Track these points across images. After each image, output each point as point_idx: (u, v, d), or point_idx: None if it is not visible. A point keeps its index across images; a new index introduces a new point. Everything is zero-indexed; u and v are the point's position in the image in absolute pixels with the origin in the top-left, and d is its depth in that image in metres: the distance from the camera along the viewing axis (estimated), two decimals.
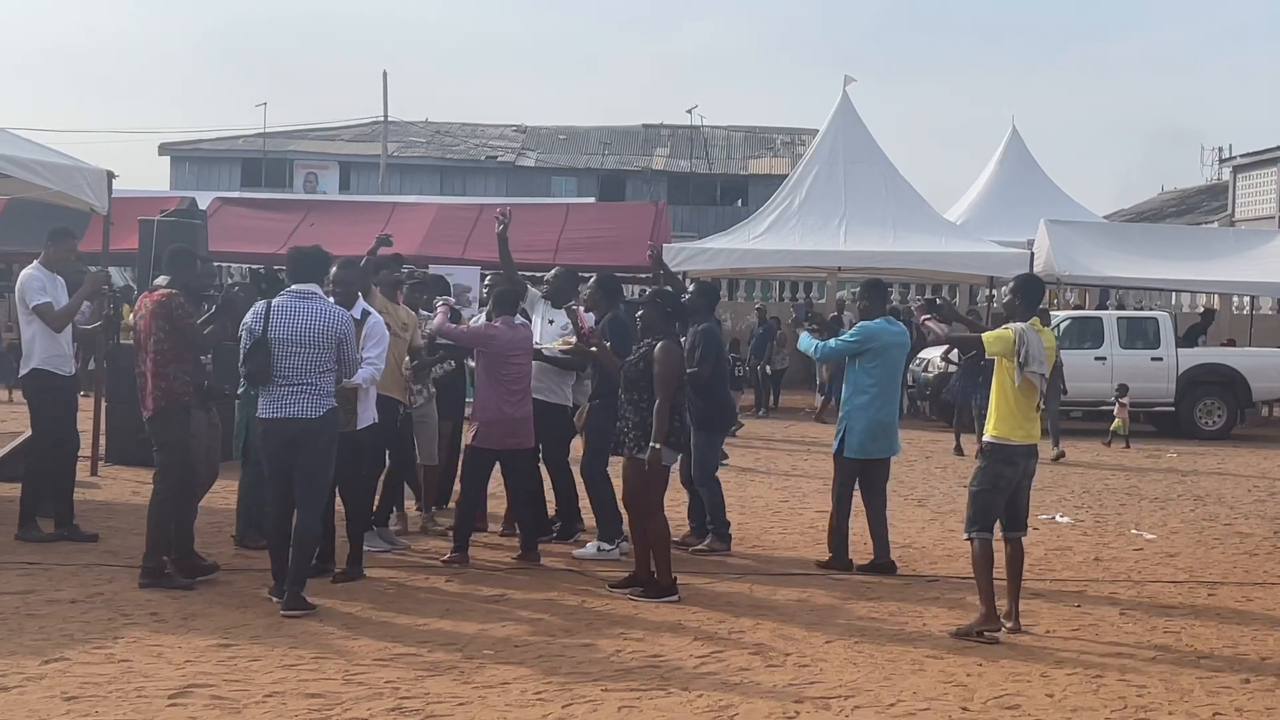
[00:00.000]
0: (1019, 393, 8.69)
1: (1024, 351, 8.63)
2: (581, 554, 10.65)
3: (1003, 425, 8.72)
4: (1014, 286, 9.17)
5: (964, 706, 7.11)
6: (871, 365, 10.61)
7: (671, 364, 9.22)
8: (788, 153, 59.64)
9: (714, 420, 11.30)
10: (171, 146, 60.77)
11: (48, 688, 6.83)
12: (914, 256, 25.57)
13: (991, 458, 8.74)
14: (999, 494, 8.70)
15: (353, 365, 8.86)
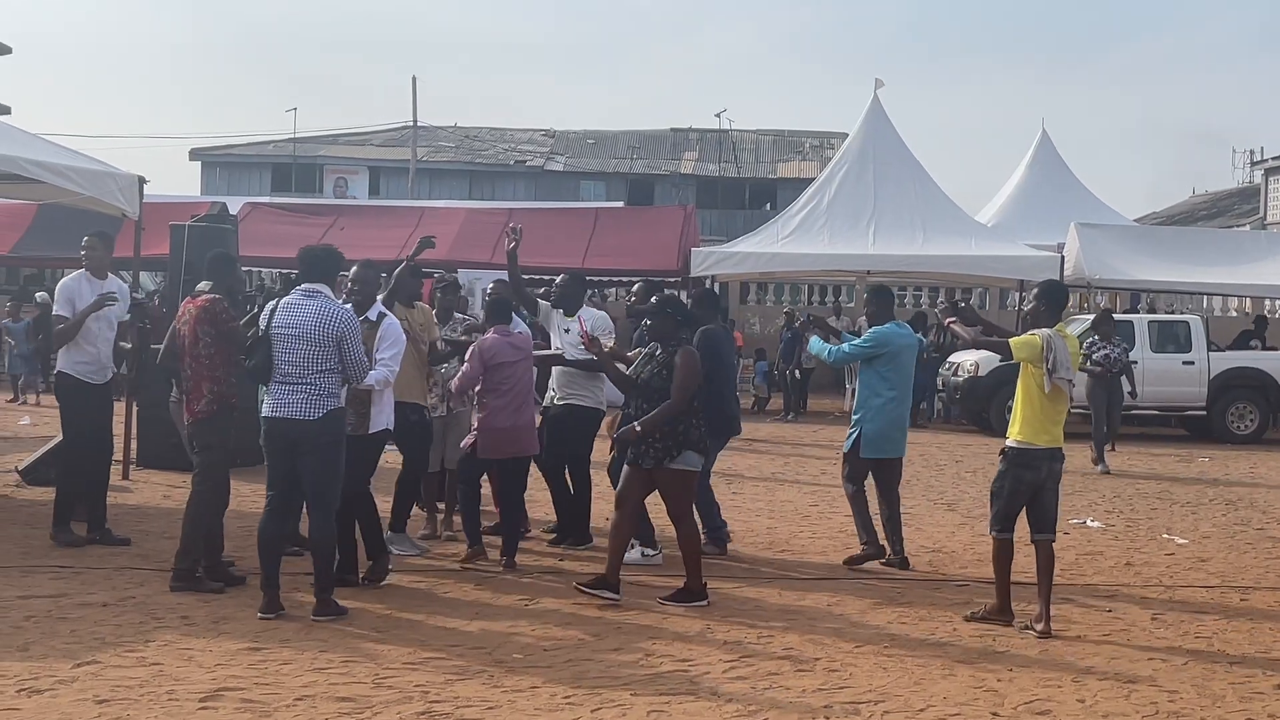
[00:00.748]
0: (1046, 398, 8.74)
1: (1052, 358, 8.68)
2: (628, 560, 10.62)
3: (1026, 430, 8.81)
4: (1039, 293, 9.20)
5: (994, 712, 7.09)
6: (885, 369, 10.86)
7: (694, 371, 9.26)
8: (816, 156, 59.53)
9: (716, 427, 11.23)
10: (202, 152, 61.03)
11: (80, 691, 6.87)
12: (943, 260, 25.50)
13: (1013, 462, 8.84)
14: (1019, 496, 8.85)
15: (358, 366, 8.74)
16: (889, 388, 10.86)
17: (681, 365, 9.22)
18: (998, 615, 8.95)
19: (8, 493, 13.09)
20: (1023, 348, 8.80)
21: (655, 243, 26.93)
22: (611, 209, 34.31)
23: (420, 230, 27.53)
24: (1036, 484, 8.84)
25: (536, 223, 28.77)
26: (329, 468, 8.65)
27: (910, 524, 12.98)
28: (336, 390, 8.70)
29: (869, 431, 10.90)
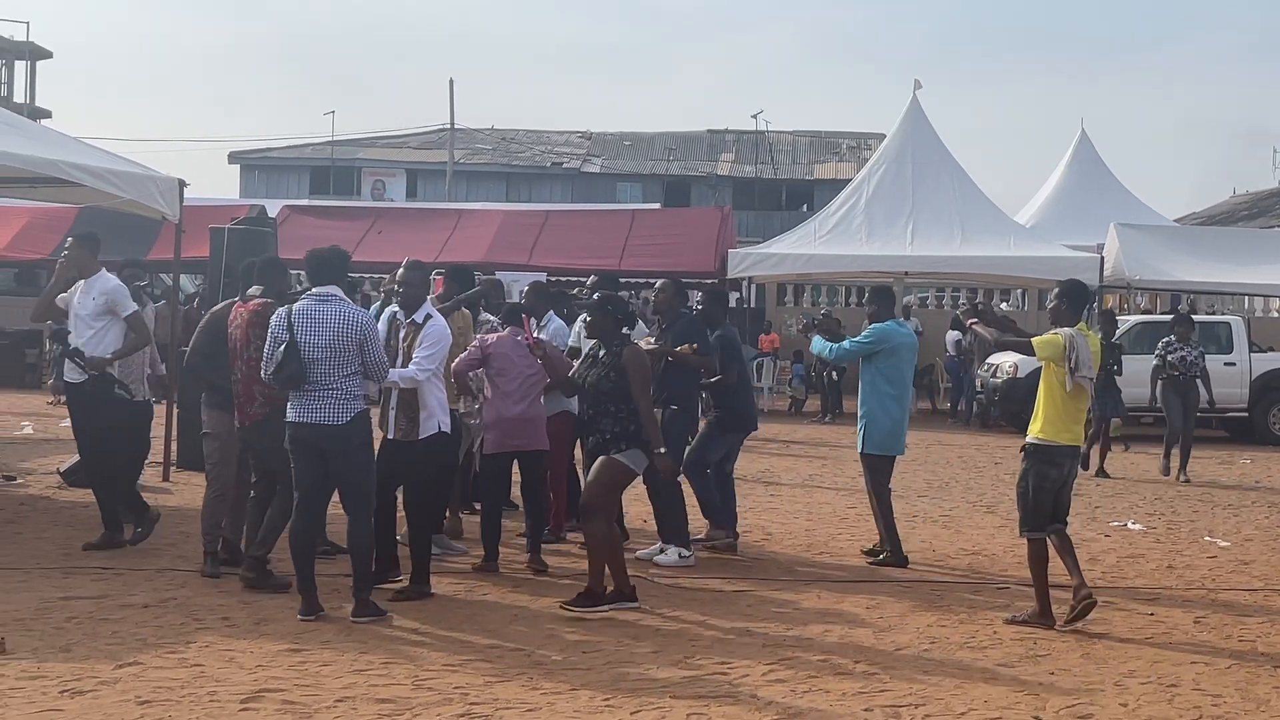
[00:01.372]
0: (1068, 397, 8.87)
1: (1074, 357, 8.79)
2: (664, 560, 10.62)
3: (1049, 428, 8.93)
4: (1060, 292, 9.27)
5: (1036, 716, 7.04)
6: (886, 366, 11.07)
7: (646, 370, 9.15)
8: (854, 157, 59.44)
9: (732, 422, 11.35)
10: (241, 155, 61.41)
11: (122, 692, 6.90)
12: (981, 260, 25.41)
13: (1036, 459, 8.99)
14: (1045, 494, 8.96)
15: (380, 366, 8.74)
16: (889, 385, 11.07)
17: (632, 367, 9.02)
18: (1039, 619, 8.93)
19: (49, 494, 13.18)
20: (1045, 346, 8.89)
21: (692, 244, 26.94)
22: (648, 210, 34.35)
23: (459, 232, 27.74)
24: (1060, 480, 8.97)
25: (573, 225, 28.87)
26: (361, 470, 8.67)
27: (950, 526, 12.97)
28: (360, 393, 8.71)
29: (872, 429, 11.13)
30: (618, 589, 9.08)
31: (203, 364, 9.85)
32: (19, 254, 27.99)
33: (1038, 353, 8.92)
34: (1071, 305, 9.12)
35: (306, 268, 8.86)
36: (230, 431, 9.72)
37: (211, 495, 9.84)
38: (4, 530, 11.25)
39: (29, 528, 11.41)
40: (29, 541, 10.79)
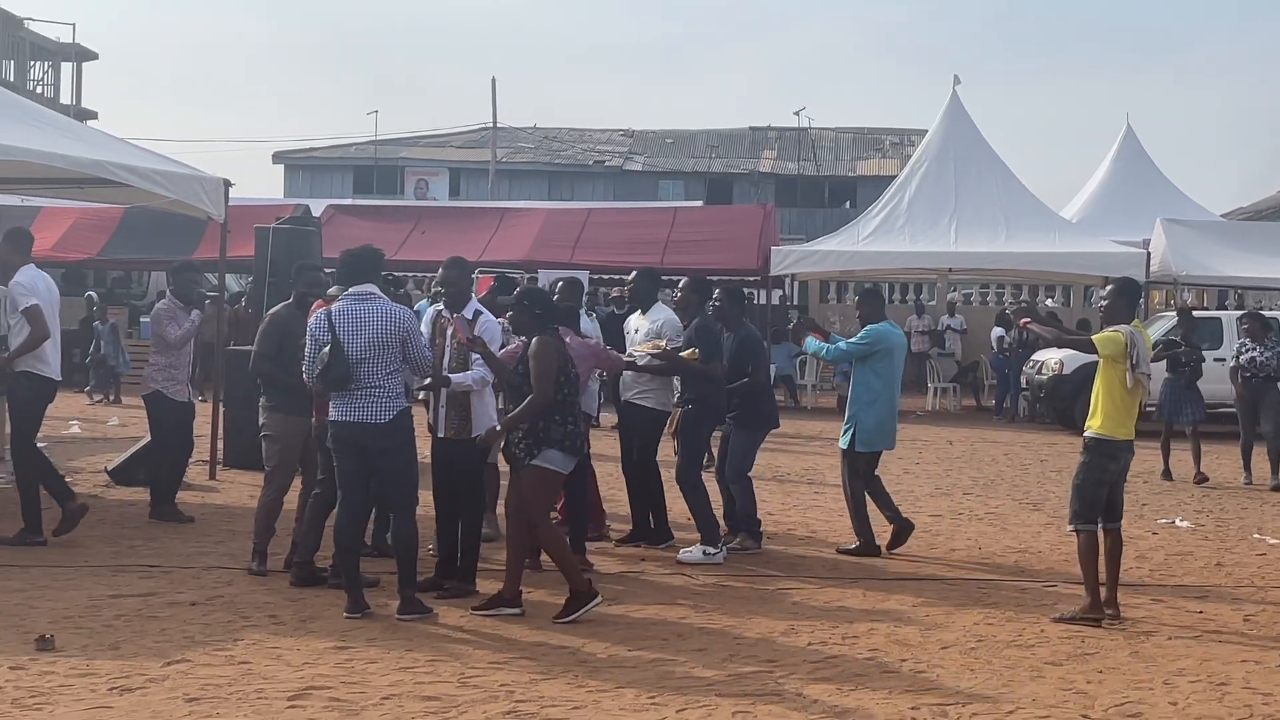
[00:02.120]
0: (1127, 393, 8.96)
1: (1135, 354, 8.89)
2: (687, 558, 10.61)
3: (1109, 423, 9.00)
4: (1114, 290, 9.41)
5: (1084, 714, 7.00)
6: (880, 366, 11.28)
7: (548, 360, 8.63)
8: (896, 154, 59.25)
9: (753, 420, 11.26)
10: (285, 155, 61.74)
11: (170, 689, 6.94)
12: (1027, 257, 25.22)
13: (1096, 453, 9.05)
14: (1103, 488, 9.04)
15: (423, 362, 8.75)
16: (882, 384, 11.28)
17: (534, 355, 8.66)
18: (1089, 613, 8.94)
19: (97, 493, 13.27)
20: (1107, 344, 8.98)
21: (734, 242, 26.86)
22: (690, 208, 34.30)
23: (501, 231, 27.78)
24: (1116, 474, 9.09)
25: (615, 223, 28.86)
26: (404, 468, 8.69)
27: (996, 524, 12.90)
28: (402, 391, 8.73)
29: (865, 427, 11.24)
30: (504, 590, 8.78)
31: (268, 366, 9.86)
32: (66, 254, 28.17)
33: (1100, 350, 9.01)
34: (1126, 302, 9.27)
35: (341, 269, 8.86)
36: (291, 434, 9.76)
37: (267, 498, 9.89)
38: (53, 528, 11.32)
39: (78, 526, 11.47)
40: (78, 540, 10.86)
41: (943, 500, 14.50)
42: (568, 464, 8.82)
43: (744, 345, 11.20)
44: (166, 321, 11.92)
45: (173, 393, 11.94)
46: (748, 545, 11.08)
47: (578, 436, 8.83)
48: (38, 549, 10.38)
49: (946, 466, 17.57)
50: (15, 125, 12.47)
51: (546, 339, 8.74)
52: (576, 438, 8.80)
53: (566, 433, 8.67)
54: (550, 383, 8.59)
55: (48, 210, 27.21)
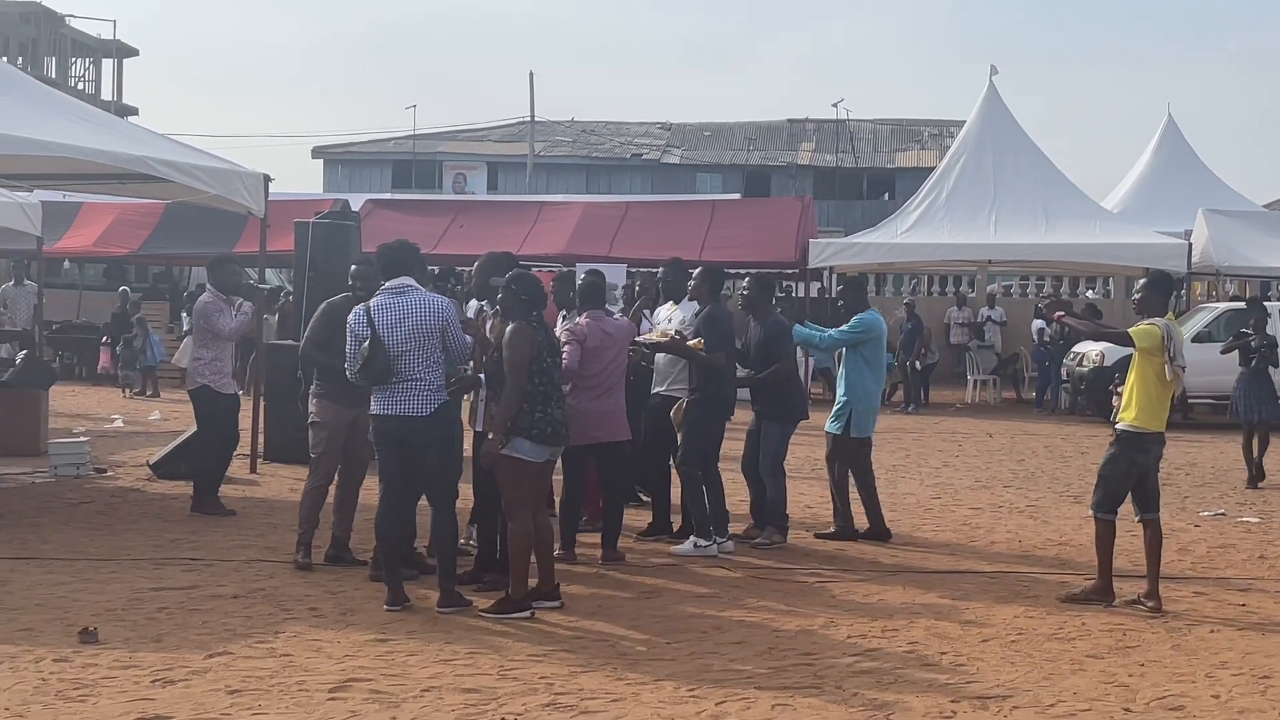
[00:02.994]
0: (1163, 385, 9.04)
1: (1172, 346, 8.96)
2: (679, 550, 10.60)
3: (1144, 415, 9.08)
4: (1148, 282, 9.47)
5: (1126, 707, 6.96)
6: (869, 353, 11.52)
7: (518, 348, 8.48)
8: (935, 145, 58.97)
9: (784, 411, 11.20)
10: (324, 150, 61.95)
11: (212, 681, 6.98)
12: (1067, 248, 25.07)
13: (1128, 445, 9.14)
14: (1129, 479, 9.16)
15: (461, 350, 8.77)
16: (871, 371, 11.52)
17: (507, 344, 8.54)
18: (1098, 595, 9.16)
19: (139, 486, 13.38)
20: (1144, 337, 9.04)
21: (772, 234, 26.79)
22: (728, 201, 34.18)
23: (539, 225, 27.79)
24: (1145, 466, 9.17)
25: (653, 216, 28.81)
26: (445, 461, 8.71)
27: (1036, 517, 12.84)
28: (443, 384, 8.72)
29: (859, 412, 11.41)
30: (540, 584, 8.76)
31: (316, 352, 9.91)
32: (107, 249, 28.40)
33: (1137, 343, 9.06)
34: (1160, 295, 9.34)
35: (378, 263, 8.87)
36: (337, 422, 9.81)
37: (312, 485, 9.93)
38: (96, 522, 11.44)
39: (120, 520, 11.59)
40: (120, 533, 10.96)
41: (983, 493, 14.44)
42: (539, 453, 8.55)
43: (769, 335, 11.15)
44: (215, 315, 11.91)
45: (219, 385, 11.97)
46: (775, 540, 11.00)
47: (550, 424, 8.53)
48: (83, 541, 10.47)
49: (986, 459, 17.50)
50: (57, 121, 12.57)
51: (520, 326, 8.56)
52: (548, 425, 8.52)
53: (534, 420, 8.45)
54: (522, 373, 8.45)
55: (89, 206, 27.42)
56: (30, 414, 15.58)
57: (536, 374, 8.50)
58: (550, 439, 8.56)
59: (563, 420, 8.63)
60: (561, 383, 8.86)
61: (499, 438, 8.46)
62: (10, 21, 58.18)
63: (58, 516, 11.66)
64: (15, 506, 12.03)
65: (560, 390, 8.75)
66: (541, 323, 8.72)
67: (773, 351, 11.10)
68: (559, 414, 8.61)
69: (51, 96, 14.06)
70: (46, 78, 51.40)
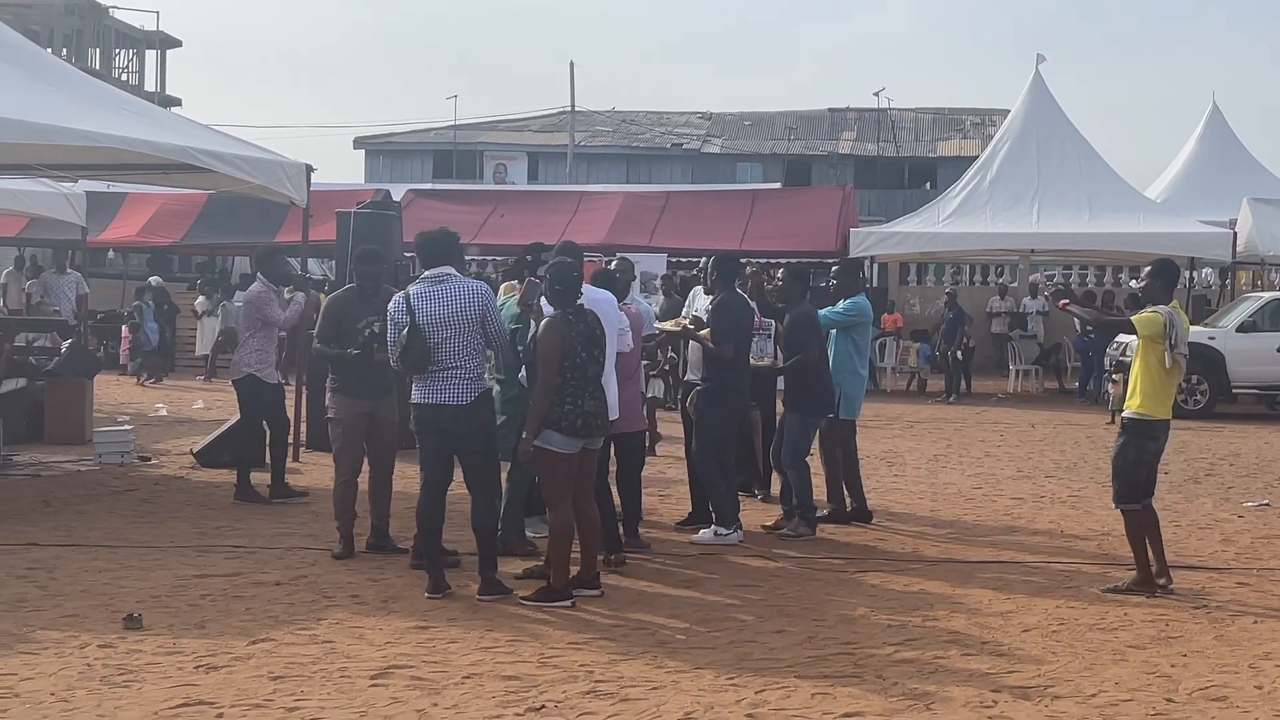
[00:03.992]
0: (1165, 373, 9.13)
1: (1174, 334, 9.05)
2: (701, 539, 10.59)
3: (1148, 403, 9.18)
4: (1152, 270, 9.58)
5: (1168, 698, 6.92)
6: (859, 337, 11.70)
7: (549, 344, 8.43)
8: (978, 134, 58.66)
9: (808, 403, 11.14)
10: (366, 140, 62.13)
11: (255, 667, 7.04)
12: (1110, 237, 24.95)
13: (1135, 433, 9.24)
14: (1142, 467, 9.26)
15: (502, 337, 8.79)
16: (859, 354, 11.67)
17: (539, 338, 8.57)
18: (1140, 587, 9.16)
19: (183, 474, 13.47)
20: (1146, 324, 9.16)
21: (813, 224, 26.76)
22: (769, 190, 34.15)
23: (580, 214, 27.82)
24: (1156, 453, 9.28)
25: (694, 206, 28.83)
26: (484, 451, 8.72)
27: (1078, 507, 12.78)
28: (483, 372, 8.75)
29: (849, 394, 11.54)
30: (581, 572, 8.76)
31: (325, 348, 9.98)
32: (151, 239, 28.61)
33: (1139, 330, 9.19)
34: (1164, 283, 9.44)
35: (418, 252, 8.90)
36: (351, 416, 9.86)
37: (339, 481, 9.97)
38: (140, 510, 11.53)
39: (164, 507, 11.68)
40: (164, 521, 11.04)
41: (1024, 483, 14.38)
42: (569, 444, 8.47)
43: (793, 326, 11.07)
44: (265, 304, 11.95)
45: (265, 375, 12.03)
46: (801, 531, 10.95)
47: (580, 416, 8.45)
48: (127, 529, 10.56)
49: (1028, 449, 17.42)
50: (102, 112, 12.66)
51: (552, 319, 8.55)
52: (578, 417, 8.44)
53: (564, 412, 8.40)
54: (552, 367, 8.40)
55: (133, 196, 27.62)
56: (75, 403, 15.71)
57: (569, 367, 8.45)
58: (580, 431, 8.48)
59: (595, 412, 8.57)
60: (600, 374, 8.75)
61: (530, 432, 8.46)
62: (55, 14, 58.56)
63: (103, 504, 11.77)
64: (61, 494, 12.14)
65: (595, 382, 8.65)
66: (581, 313, 8.68)
67: (796, 343, 11.04)
68: (591, 406, 8.54)
69: (96, 88, 14.15)
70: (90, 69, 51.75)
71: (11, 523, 10.75)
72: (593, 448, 8.77)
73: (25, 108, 11.52)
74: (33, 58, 13.35)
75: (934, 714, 6.58)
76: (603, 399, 8.71)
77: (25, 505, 11.57)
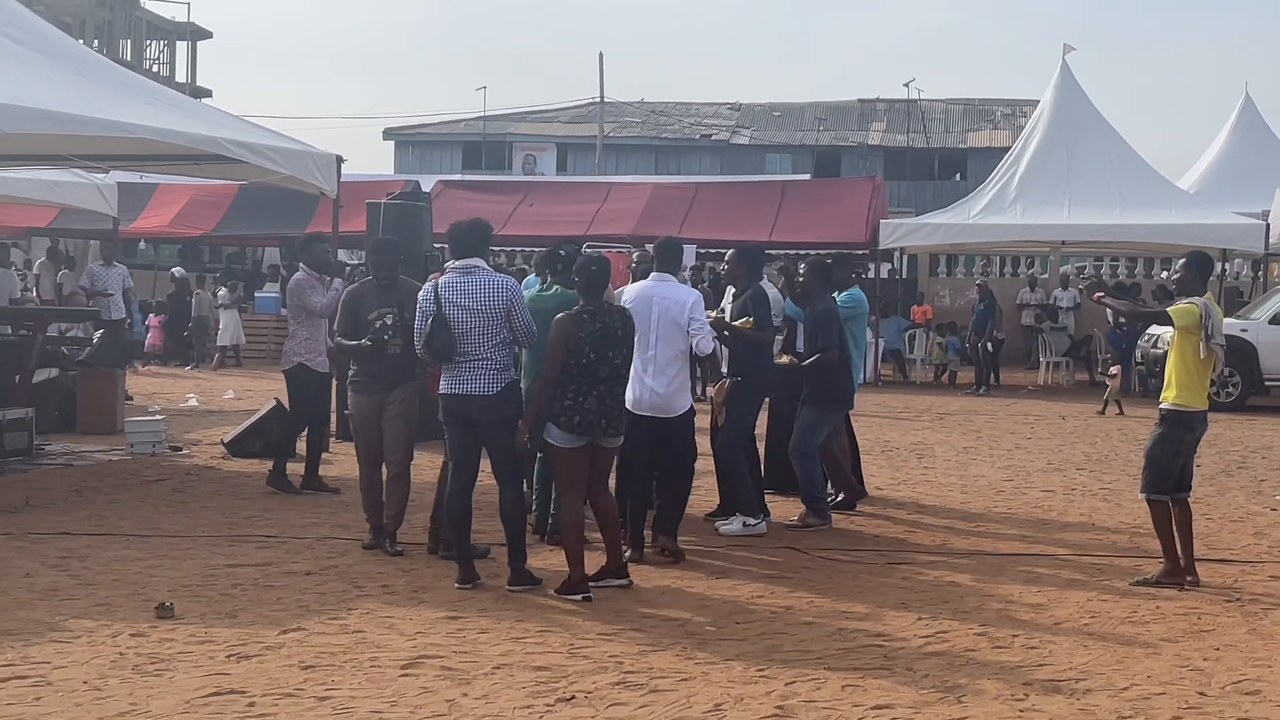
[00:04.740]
0: (1201, 363, 9.12)
1: (1209, 324, 9.04)
2: (727, 530, 10.56)
3: (1184, 394, 9.16)
4: (1186, 262, 9.54)
5: (1201, 691, 6.88)
6: (856, 329, 12.00)
7: (556, 340, 8.48)
8: (1008, 125, 58.43)
9: (826, 397, 11.09)
10: (395, 131, 62.28)
11: (286, 657, 7.06)
12: (1141, 229, 24.80)
13: (1174, 424, 9.20)
14: (1179, 459, 9.23)
15: (528, 331, 8.76)
16: (855, 346, 11.83)
17: (551, 333, 8.62)
18: (1169, 579, 9.16)
19: (214, 464, 13.52)
20: (1183, 315, 9.15)
21: (843, 215, 26.70)
22: (798, 182, 34.06)
23: (609, 205, 27.81)
24: (1192, 445, 9.26)
25: (723, 197, 28.78)
26: (512, 439, 8.72)
27: (1110, 500, 12.72)
28: (510, 363, 8.77)
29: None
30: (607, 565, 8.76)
31: (343, 342, 9.99)
32: (182, 230, 28.72)
33: (1175, 321, 9.18)
34: (1198, 275, 9.44)
35: (449, 242, 8.91)
36: (359, 409, 9.93)
37: (362, 476, 10.03)
38: (172, 499, 11.58)
39: (195, 497, 11.73)
40: (195, 510, 11.09)
41: (1055, 476, 14.33)
42: (567, 440, 8.47)
43: (815, 322, 11.03)
44: (308, 292, 11.90)
45: (316, 364, 11.98)
46: (810, 522, 10.92)
47: (576, 413, 8.42)
48: (159, 518, 10.61)
49: (1059, 441, 17.36)
50: (133, 103, 12.70)
51: (562, 317, 8.58)
52: (575, 414, 8.42)
53: (563, 408, 8.42)
54: (554, 363, 8.47)
55: (164, 187, 27.75)
56: (107, 393, 15.79)
57: (574, 365, 8.41)
58: (577, 428, 8.43)
59: (597, 411, 8.45)
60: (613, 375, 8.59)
61: (525, 423, 8.57)
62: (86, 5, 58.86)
63: (134, 494, 11.82)
64: (93, 484, 12.21)
65: (607, 383, 8.50)
66: (602, 312, 8.59)
67: (818, 339, 10.99)
68: (593, 404, 8.44)
69: (128, 78, 14.21)
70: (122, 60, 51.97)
71: (44, 512, 10.82)
72: (608, 445, 8.70)
73: (58, 99, 11.58)
74: (65, 49, 13.41)
75: (965, 706, 6.56)
76: (612, 399, 8.57)
77: (57, 494, 11.63)
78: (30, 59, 12.16)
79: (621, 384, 8.74)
